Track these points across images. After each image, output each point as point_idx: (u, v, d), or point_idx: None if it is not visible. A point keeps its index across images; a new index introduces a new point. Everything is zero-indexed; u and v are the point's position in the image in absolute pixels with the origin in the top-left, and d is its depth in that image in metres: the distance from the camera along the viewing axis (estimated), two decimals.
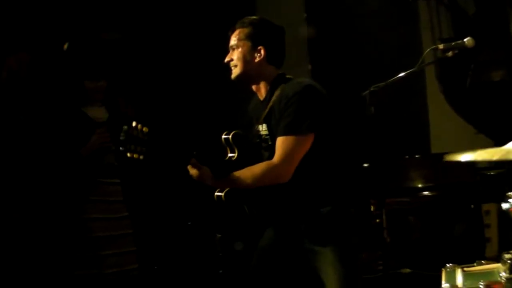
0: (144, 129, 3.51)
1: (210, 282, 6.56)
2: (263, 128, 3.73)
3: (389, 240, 5.79)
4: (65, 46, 5.37)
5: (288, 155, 3.45)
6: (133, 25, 7.20)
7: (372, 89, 3.78)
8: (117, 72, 6.03)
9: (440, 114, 7.76)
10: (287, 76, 3.74)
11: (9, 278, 4.99)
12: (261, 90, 3.76)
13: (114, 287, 5.01)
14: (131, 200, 5.32)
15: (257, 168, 3.54)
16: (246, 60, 3.70)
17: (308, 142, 3.48)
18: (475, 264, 3.11)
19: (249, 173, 3.55)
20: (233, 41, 3.75)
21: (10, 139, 4.98)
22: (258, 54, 3.69)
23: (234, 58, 3.72)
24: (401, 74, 3.81)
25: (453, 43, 3.75)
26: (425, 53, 3.92)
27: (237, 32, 3.75)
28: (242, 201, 3.73)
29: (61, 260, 4.97)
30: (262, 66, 3.70)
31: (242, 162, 3.66)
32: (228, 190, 3.64)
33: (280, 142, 3.49)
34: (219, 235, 6.33)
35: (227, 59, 3.76)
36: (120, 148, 3.49)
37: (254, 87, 3.80)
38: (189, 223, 6.92)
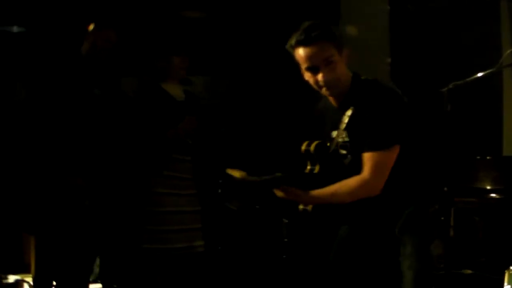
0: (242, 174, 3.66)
1: (273, 267, 6.54)
2: (343, 136, 3.69)
3: (453, 239, 5.81)
4: (91, 27, 5.22)
5: (379, 170, 3.51)
6: (216, 5, 7.33)
7: (450, 86, 3.85)
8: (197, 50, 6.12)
9: None
10: (362, 77, 3.67)
11: (77, 246, 5.02)
12: (339, 95, 3.68)
13: (180, 262, 5.16)
14: (200, 179, 5.42)
15: (352, 184, 3.57)
16: (345, 75, 3.60)
17: (395, 154, 3.53)
18: None
19: (345, 189, 3.58)
20: (323, 56, 3.50)
21: (82, 111, 5.02)
22: (345, 63, 3.60)
23: (334, 75, 3.54)
24: (480, 74, 3.88)
25: None
26: (504, 54, 3.95)
27: (323, 46, 3.50)
28: (328, 212, 3.76)
29: (130, 233, 5.13)
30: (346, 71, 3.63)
31: (325, 175, 3.74)
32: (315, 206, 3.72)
33: (369, 157, 3.53)
34: (286, 221, 6.37)
35: (326, 78, 3.53)
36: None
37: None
38: (257, 206, 6.95)
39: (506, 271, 3.45)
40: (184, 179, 5.23)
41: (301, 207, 3.70)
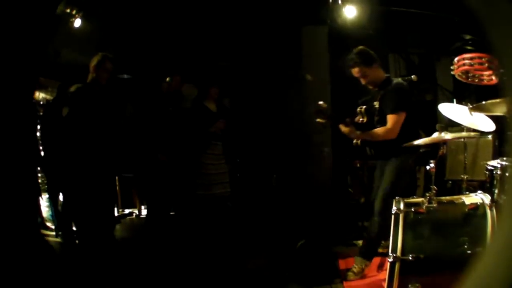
0: (327, 107, 4.04)
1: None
2: (377, 104, 4.02)
3: (366, 182, 5.90)
4: (168, 79, 5.52)
5: (394, 125, 3.82)
6: (238, 56, 7.37)
7: (359, 102, 4.13)
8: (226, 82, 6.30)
9: None
10: (391, 78, 4.06)
11: (161, 193, 5.36)
12: (375, 85, 4.06)
13: (218, 201, 5.57)
14: (228, 154, 5.80)
15: (380, 130, 3.88)
16: (376, 77, 4.03)
17: (403, 116, 3.84)
18: (411, 198, 3.49)
19: (376, 133, 3.90)
20: (360, 73, 3.99)
21: (164, 121, 5.36)
22: (375, 70, 4.00)
23: (365, 80, 4.02)
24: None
25: (406, 78, 4.08)
26: None
27: (357, 69, 3.99)
28: (367, 145, 4.08)
29: (191, 184, 5.50)
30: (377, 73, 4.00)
31: (368, 124, 4.05)
32: (361, 140, 3.99)
33: (390, 117, 3.86)
34: (275, 175, 6.44)
35: (366, 82, 4.01)
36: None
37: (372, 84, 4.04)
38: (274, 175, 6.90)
39: (394, 200, 3.49)
40: (218, 155, 5.70)
41: (354, 142, 4.02)
